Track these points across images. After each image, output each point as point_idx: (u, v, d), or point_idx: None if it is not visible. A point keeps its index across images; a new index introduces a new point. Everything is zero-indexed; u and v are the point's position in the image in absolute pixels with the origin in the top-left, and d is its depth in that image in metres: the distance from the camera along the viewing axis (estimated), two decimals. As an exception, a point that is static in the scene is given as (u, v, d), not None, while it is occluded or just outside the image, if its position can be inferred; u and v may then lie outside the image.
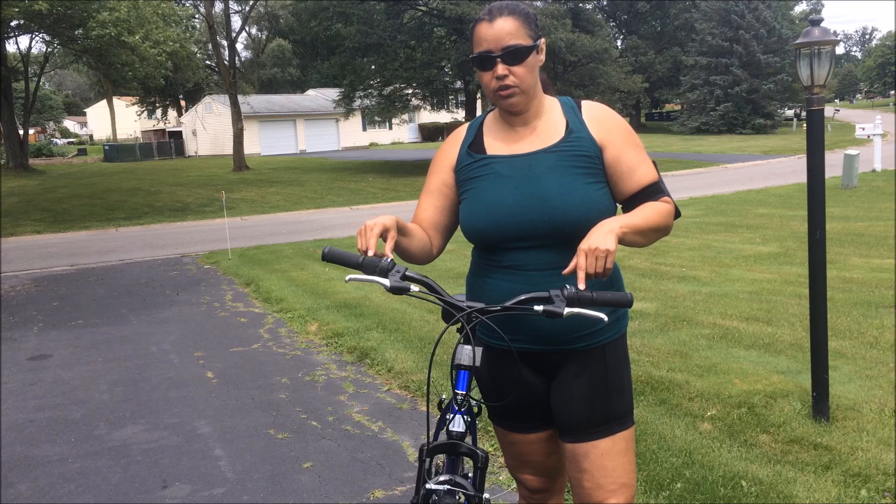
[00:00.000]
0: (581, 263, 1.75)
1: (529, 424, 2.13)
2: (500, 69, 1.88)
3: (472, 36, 1.94)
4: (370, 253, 1.78)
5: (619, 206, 2.04)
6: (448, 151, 2.11)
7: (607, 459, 1.97)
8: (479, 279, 2.06)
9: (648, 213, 1.91)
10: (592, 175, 1.94)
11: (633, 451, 2.03)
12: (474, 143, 2.05)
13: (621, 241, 1.83)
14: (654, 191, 1.97)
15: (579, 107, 2.03)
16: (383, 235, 1.82)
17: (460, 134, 2.13)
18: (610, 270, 1.75)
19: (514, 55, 1.88)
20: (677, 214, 2.01)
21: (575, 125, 1.98)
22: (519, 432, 2.15)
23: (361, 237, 1.79)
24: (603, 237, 1.76)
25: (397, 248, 1.87)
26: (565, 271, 1.78)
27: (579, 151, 1.95)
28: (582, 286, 1.74)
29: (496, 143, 2.02)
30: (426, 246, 2.04)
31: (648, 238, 1.92)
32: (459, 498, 1.82)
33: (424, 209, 2.10)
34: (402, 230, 1.90)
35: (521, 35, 1.88)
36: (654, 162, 2.02)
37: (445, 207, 2.09)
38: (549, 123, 2.00)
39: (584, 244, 1.76)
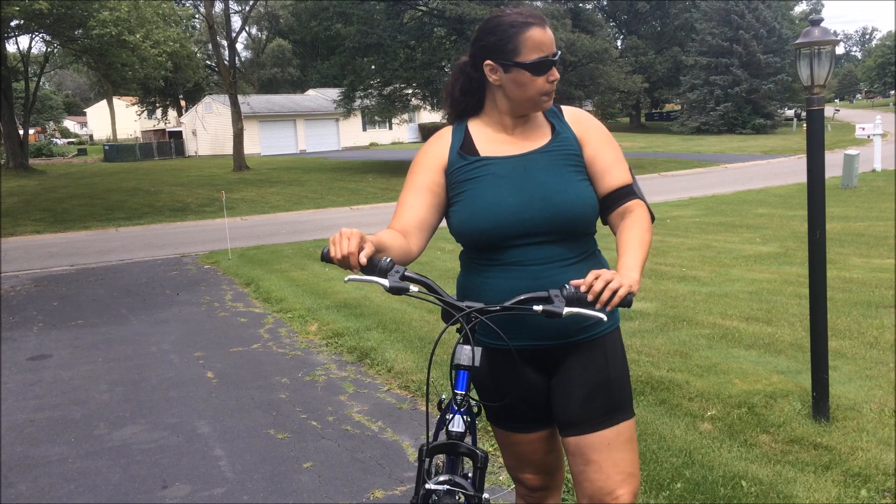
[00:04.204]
0: (596, 287, 1.74)
1: (530, 424, 2.15)
2: (556, 72, 1.98)
3: (520, 40, 1.93)
4: (348, 250, 1.73)
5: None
6: (436, 151, 2.09)
7: (614, 450, 2.00)
8: (476, 279, 2.06)
9: (639, 245, 1.95)
10: (581, 172, 2.03)
11: (636, 442, 2.07)
12: (464, 146, 2.06)
13: None
14: (626, 192, 2.03)
15: (561, 111, 2.12)
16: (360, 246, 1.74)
17: (446, 136, 2.11)
18: (616, 301, 1.75)
19: (559, 61, 2.00)
20: (653, 217, 2.07)
21: (560, 127, 2.07)
22: (520, 432, 2.17)
23: (336, 244, 1.72)
24: (629, 283, 1.77)
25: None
26: (575, 282, 1.80)
27: (568, 150, 2.03)
28: (583, 288, 1.75)
29: (487, 146, 2.05)
30: (403, 251, 1.96)
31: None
32: (459, 498, 1.82)
33: (412, 206, 2.03)
34: (378, 247, 1.83)
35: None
36: (630, 167, 2.09)
37: (434, 205, 2.05)
38: (535, 127, 2.08)
39: (611, 275, 1.75)
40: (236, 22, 66.53)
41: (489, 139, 2.06)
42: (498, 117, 2.06)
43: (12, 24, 22.78)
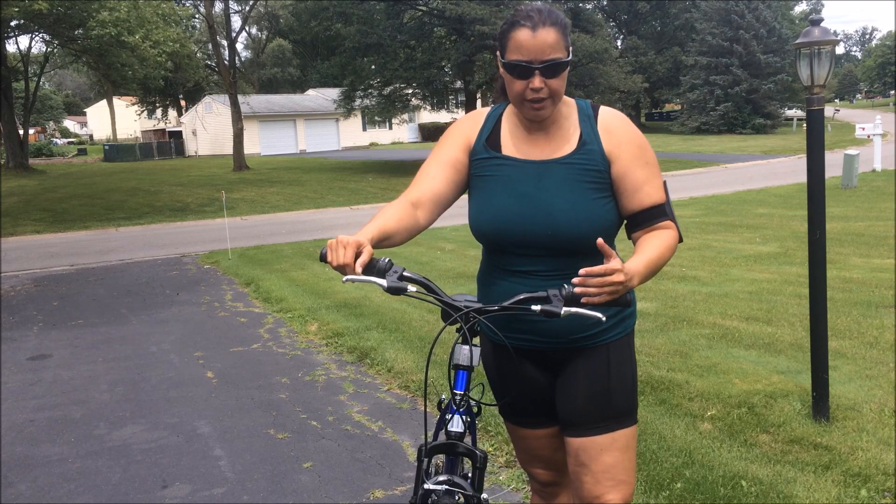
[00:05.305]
0: (602, 281, 1.68)
1: (537, 420, 2.17)
2: (538, 82, 1.83)
3: (507, 38, 1.85)
4: (344, 261, 1.73)
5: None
6: (466, 131, 2.06)
7: (606, 455, 1.99)
8: (490, 282, 2.08)
9: (655, 256, 1.86)
10: (600, 190, 1.93)
11: (633, 450, 2.05)
12: (491, 138, 2.03)
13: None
14: (656, 213, 1.93)
15: (596, 114, 1.98)
16: (358, 252, 1.74)
17: (479, 119, 2.08)
18: (600, 301, 1.70)
19: (554, 69, 1.83)
20: (680, 239, 1.98)
21: (588, 136, 1.95)
22: (527, 427, 2.19)
23: (332, 251, 1.73)
24: (627, 281, 1.71)
25: (376, 247, 1.82)
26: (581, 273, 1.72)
27: (590, 166, 1.93)
28: (577, 290, 1.72)
29: (511, 144, 2.00)
30: (409, 229, 1.94)
31: (651, 277, 1.90)
32: (458, 498, 1.83)
33: (433, 177, 2.01)
34: (379, 239, 1.83)
35: (561, 48, 1.83)
36: (664, 183, 1.99)
37: (454, 181, 2.02)
38: (563, 130, 1.97)
39: (619, 282, 1.69)
40: (236, 22, 66.52)
41: (514, 135, 2.00)
42: (520, 115, 1.99)
43: (12, 24, 22.78)
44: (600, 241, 1.70)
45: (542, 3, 1.92)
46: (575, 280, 1.70)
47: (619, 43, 55.11)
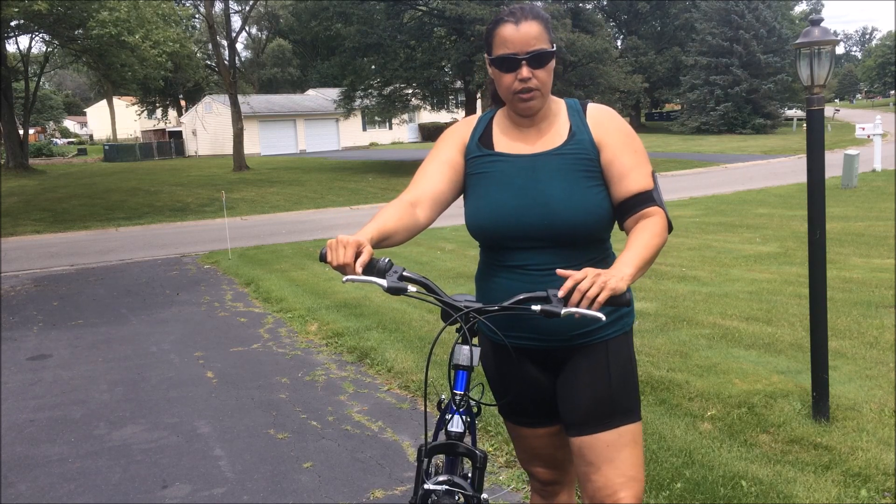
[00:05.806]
0: (583, 286, 1.69)
1: (537, 419, 2.18)
2: (525, 72, 1.90)
3: (493, 36, 1.95)
4: (344, 260, 1.74)
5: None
6: (461, 132, 2.13)
7: (613, 452, 1.99)
8: (487, 279, 2.09)
9: (642, 247, 1.86)
10: (593, 178, 1.97)
11: (640, 446, 2.05)
12: (483, 137, 2.08)
13: None
14: (643, 199, 1.95)
15: (584, 110, 2.05)
16: (358, 252, 1.75)
17: (472, 121, 2.15)
18: (599, 304, 1.71)
19: (539, 59, 1.91)
20: (670, 227, 1.98)
21: (578, 128, 2.01)
22: (528, 427, 2.20)
23: (332, 251, 1.75)
24: (617, 281, 1.70)
25: (376, 247, 1.84)
26: (560, 272, 1.75)
27: (581, 154, 1.98)
28: (561, 294, 1.72)
29: (503, 141, 2.05)
30: (409, 228, 1.96)
31: (647, 268, 1.90)
32: (458, 498, 1.83)
33: (431, 177, 2.05)
34: (379, 239, 1.85)
35: (545, 40, 1.91)
36: (653, 171, 2.01)
37: (453, 181, 2.07)
38: (553, 125, 2.03)
39: (597, 275, 1.69)
40: (236, 22, 66.50)
41: (506, 133, 2.06)
42: (510, 113, 2.05)
43: (12, 24, 22.78)
44: (559, 270, 1.75)
45: (525, 2, 1.96)
46: (560, 294, 1.71)
47: (619, 43, 55.05)
